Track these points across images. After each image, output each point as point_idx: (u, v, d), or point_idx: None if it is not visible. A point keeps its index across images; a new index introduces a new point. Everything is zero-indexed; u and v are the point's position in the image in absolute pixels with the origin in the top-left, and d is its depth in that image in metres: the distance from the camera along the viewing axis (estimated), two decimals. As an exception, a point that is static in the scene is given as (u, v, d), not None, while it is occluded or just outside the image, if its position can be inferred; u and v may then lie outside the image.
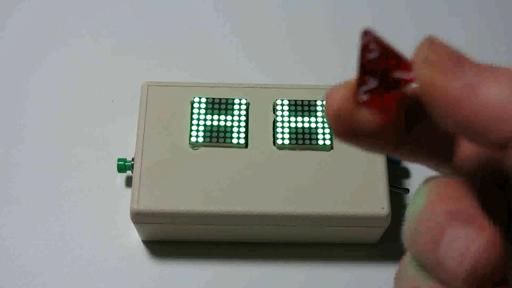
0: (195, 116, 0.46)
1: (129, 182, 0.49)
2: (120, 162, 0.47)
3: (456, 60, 0.18)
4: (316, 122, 0.46)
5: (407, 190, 0.49)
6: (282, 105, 0.47)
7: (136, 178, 0.44)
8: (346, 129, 0.20)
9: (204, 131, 0.45)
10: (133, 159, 0.46)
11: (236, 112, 0.46)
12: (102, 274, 0.46)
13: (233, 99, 0.47)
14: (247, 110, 0.47)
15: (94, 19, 0.58)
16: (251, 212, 0.43)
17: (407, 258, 0.20)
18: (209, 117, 0.46)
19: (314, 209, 0.43)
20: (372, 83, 0.19)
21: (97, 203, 0.49)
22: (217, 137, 0.45)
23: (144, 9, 0.59)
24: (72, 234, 0.48)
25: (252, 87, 0.48)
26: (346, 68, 0.57)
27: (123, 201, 0.47)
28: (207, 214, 0.43)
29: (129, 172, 0.48)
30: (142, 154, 0.45)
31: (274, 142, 0.46)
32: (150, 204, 0.43)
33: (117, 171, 0.47)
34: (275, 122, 0.46)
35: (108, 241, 0.47)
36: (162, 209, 0.43)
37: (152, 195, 0.43)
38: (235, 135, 0.45)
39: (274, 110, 0.47)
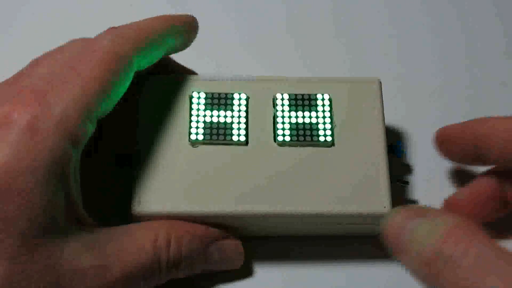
0: (194, 113, 0.45)
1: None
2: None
3: None
4: (317, 117, 0.45)
5: (407, 183, 0.49)
6: (282, 99, 0.46)
7: (135, 178, 0.43)
8: None
9: (204, 128, 0.45)
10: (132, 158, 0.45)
11: (236, 108, 0.45)
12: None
13: (233, 94, 0.46)
14: (247, 105, 0.46)
15: (94, 18, 0.58)
16: (251, 210, 0.42)
17: None
18: (208, 113, 0.45)
19: (315, 207, 0.43)
20: None
21: (97, 202, 0.48)
22: (217, 134, 0.45)
23: (143, 5, 0.59)
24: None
25: (251, 81, 0.47)
26: (347, 60, 0.56)
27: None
28: (207, 214, 0.42)
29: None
30: (141, 153, 0.44)
31: (275, 139, 0.45)
32: (149, 204, 0.42)
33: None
34: (275, 117, 0.46)
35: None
36: (161, 209, 0.42)
37: (151, 195, 0.42)
38: (235, 132, 0.45)
39: (274, 105, 0.46)
